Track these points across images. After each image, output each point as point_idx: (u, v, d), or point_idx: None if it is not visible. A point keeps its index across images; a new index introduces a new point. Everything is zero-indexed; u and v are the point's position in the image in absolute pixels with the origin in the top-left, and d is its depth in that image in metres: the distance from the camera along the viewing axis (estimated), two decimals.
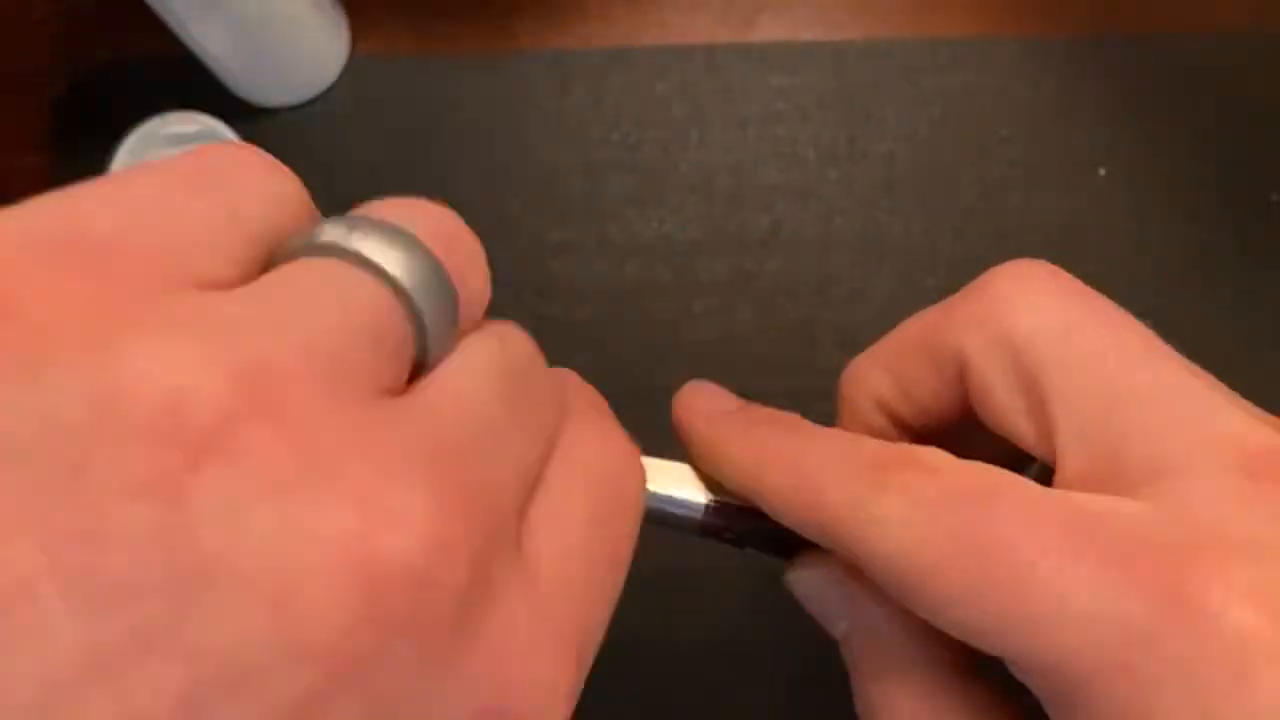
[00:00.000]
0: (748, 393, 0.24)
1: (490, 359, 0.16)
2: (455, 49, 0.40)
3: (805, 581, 0.23)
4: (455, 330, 0.16)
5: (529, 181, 0.39)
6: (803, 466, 0.20)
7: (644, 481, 0.21)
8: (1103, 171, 0.38)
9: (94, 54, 0.40)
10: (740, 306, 0.38)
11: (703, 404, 0.24)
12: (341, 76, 0.40)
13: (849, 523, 0.19)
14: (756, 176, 0.38)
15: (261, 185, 0.16)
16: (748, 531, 0.24)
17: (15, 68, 0.40)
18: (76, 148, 0.40)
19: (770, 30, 0.40)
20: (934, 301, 0.40)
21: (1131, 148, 0.38)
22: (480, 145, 0.39)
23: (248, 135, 0.38)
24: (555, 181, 0.39)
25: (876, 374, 0.24)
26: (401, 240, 0.15)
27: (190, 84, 0.38)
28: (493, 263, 0.23)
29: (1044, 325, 0.21)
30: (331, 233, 0.15)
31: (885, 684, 0.21)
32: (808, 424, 0.22)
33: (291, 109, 0.39)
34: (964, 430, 0.22)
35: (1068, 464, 0.19)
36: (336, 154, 0.39)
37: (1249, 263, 0.38)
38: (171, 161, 0.15)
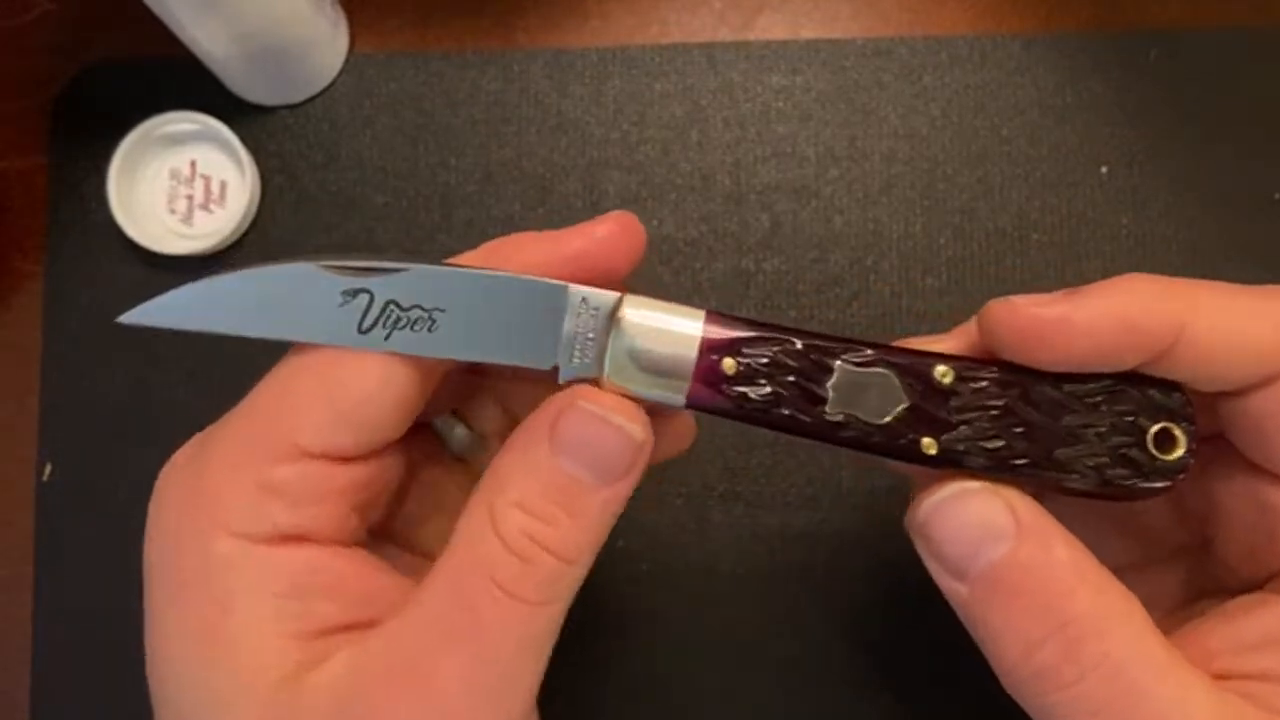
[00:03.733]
0: None
1: None
2: (455, 48, 0.40)
3: (965, 500, 0.22)
4: None
5: (529, 181, 0.39)
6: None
7: None
8: (1104, 170, 0.38)
9: (93, 54, 0.40)
10: (740, 306, 0.38)
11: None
12: (341, 76, 0.39)
13: None
14: (756, 176, 0.38)
15: None
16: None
17: (15, 67, 0.40)
18: (76, 147, 0.39)
19: (770, 29, 0.40)
20: (934, 301, 0.40)
21: (1134, 146, 0.38)
22: (480, 144, 0.39)
23: (247, 135, 0.38)
24: (555, 181, 0.39)
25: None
26: None
27: (190, 84, 0.38)
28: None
29: None
30: None
31: (1083, 596, 0.20)
32: None
33: (291, 108, 0.39)
34: None
35: None
36: (335, 153, 0.39)
37: (1252, 261, 0.38)
38: None
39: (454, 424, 0.28)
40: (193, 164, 0.39)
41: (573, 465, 0.21)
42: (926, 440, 0.22)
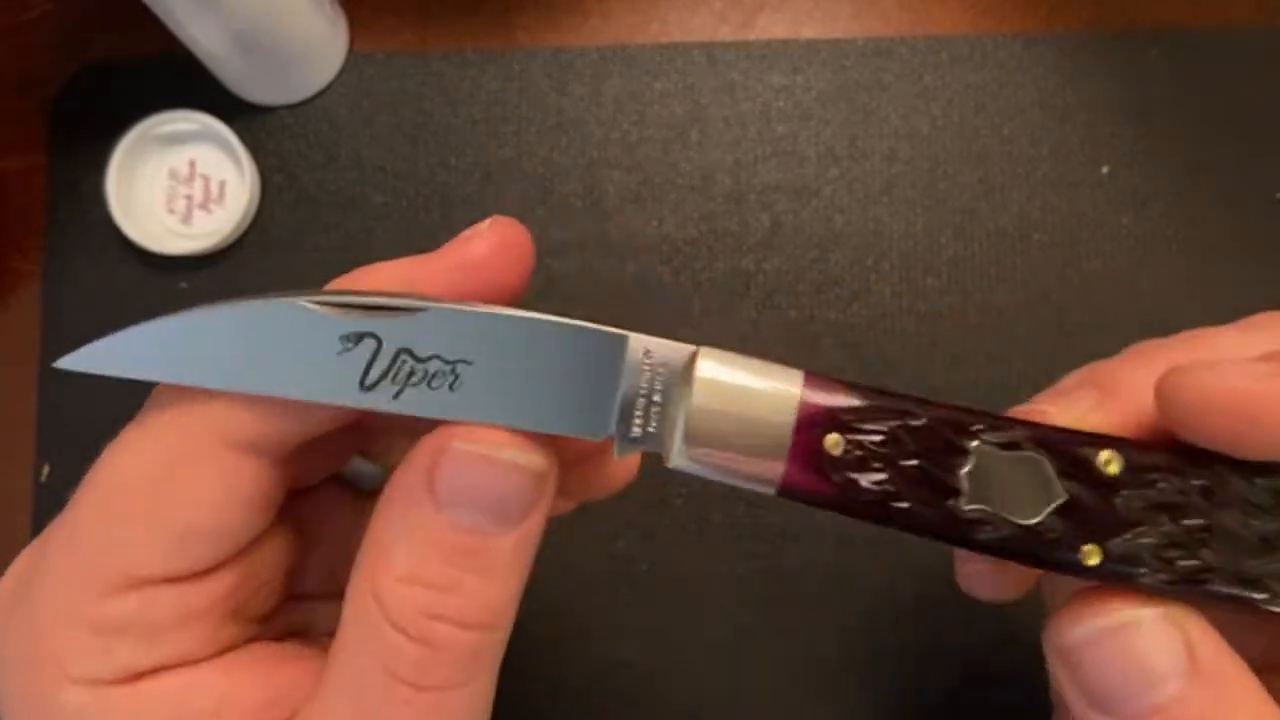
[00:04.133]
0: None
1: None
2: (454, 47, 0.40)
3: (1133, 634, 0.17)
4: None
5: (528, 180, 0.39)
6: None
7: None
8: (1105, 170, 0.38)
9: (92, 53, 0.40)
10: (740, 306, 0.37)
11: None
12: (340, 75, 0.39)
13: None
14: (757, 175, 0.38)
15: None
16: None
17: (13, 66, 0.40)
18: (75, 147, 0.39)
19: (770, 28, 0.39)
20: (935, 301, 0.40)
21: (1134, 145, 0.38)
22: (479, 144, 0.39)
23: (246, 135, 0.38)
24: (555, 180, 0.38)
25: None
26: None
27: (189, 83, 0.38)
28: None
29: None
30: None
31: None
32: None
33: (290, 107, 0.39)
34: None
35: None
36: (335, 152, 0.39)
37: (1253, 261, 0.37)
38: None
39: (361, 464, 0.25)
40: (192, 163, 0.39)
41: (465, 516, 0.17)
42: (1087, 547, 0.17)
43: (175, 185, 0.39)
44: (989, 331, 0.37)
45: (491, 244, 0.20)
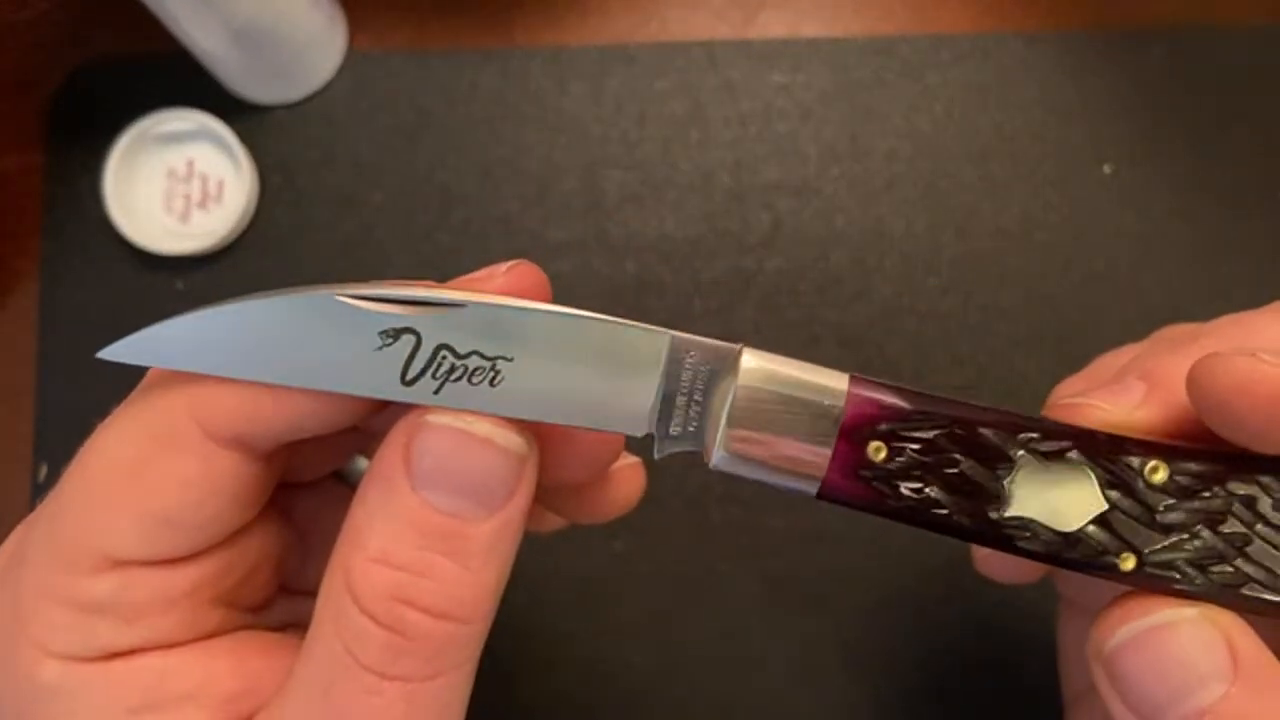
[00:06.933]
0: None
1: None
2: (453, 45, 0.39)
3: (1173, 633, 0.17)
4: None
5: (528, 180, 0.38)
6: None
7: None
8: (1108, 169, 0.38)
9: (89, 51, 0.40)
10: (741, 305, 0.37)
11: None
12: (338, 73, 0.39)
13: None
14: (757, 174, 0.38)
15: None
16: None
17: (11, 65, 0.40)
18: (72, 146, 0.39)
19: (771, 26, 0.39)
20: (937, 300, 0.40)
21: (1137, 144, 0.38)
22: (478, 143, 0.39)
23: (244, 133, 0.38)
24: (554, 180, 0.38)
25: None
26: None
27: (186, 82, 0.38)
28: (491, 262, 0.22)
29: None
30: None
31: None
32: None
33: (288, 106, 0.39)
34: None
35: None
36: (333, 151, 0.39)
37: (1255, 260, 0.37)
38: None
39: (362, 464, 0.25)
40: (190, 163, 0.39)
41: (441, 497, 0.17)
42: (1125, 554, 0.17)
43: (173, 185, 0.38)
44: (990, 331, 0.37)
45: (504, 289, 0.19)
